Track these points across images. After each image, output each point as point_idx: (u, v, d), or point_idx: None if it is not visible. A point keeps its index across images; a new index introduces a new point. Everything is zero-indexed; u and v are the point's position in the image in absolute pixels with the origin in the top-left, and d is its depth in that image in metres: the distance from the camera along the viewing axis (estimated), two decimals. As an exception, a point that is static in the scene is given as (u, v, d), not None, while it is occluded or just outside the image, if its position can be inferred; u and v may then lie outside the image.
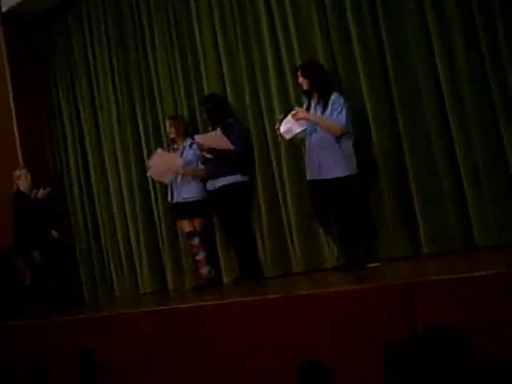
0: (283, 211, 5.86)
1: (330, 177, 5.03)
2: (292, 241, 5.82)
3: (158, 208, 6.85)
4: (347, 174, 5.00)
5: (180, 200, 6.04)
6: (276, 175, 5.89)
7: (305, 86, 5.18)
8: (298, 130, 5.09)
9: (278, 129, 5.15)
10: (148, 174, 6.33)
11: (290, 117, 5.09)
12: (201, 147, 5.79)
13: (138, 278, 7.11)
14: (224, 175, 5.71)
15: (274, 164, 5.89)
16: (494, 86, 4.70)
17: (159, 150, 6.22)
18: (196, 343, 4.21)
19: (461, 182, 4.94)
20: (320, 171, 5.08)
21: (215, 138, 5.65)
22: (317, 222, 5.41)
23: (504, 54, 4.62)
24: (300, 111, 5.10)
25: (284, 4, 5.82)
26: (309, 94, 5.23)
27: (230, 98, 6.15)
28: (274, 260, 5.91)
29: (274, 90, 5.87)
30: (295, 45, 5.73)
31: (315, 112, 5.15)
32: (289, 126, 5.09)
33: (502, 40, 4.62)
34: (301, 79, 5.18)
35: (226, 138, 5.62)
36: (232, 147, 5.64)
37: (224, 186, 5.71)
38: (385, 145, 5.25)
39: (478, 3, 4.73)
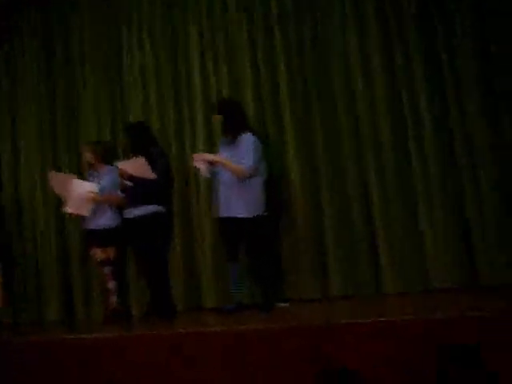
0: (198, 244, 5.86)
1: (235, 216, 5.07)
2: (205, 275, 5.81)
3: (70, 233, 6.68)
4: (254, 214, 5.04)
5: (94, 227, 5.92)
6: (194, 208, 5.90)
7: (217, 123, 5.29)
8: (206, 170, 5.16)
9: (195, 166, 5.19)
10: (65, 210, 5.98)
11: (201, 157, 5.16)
12: (122, 174, 5.70)
13: (43, 305, 6.87)
14: (143, 204, 5.64)
15: (193, 197, 5.90)
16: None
17: (74, 179, 6.04)
18: (101, 374, 4.12)
19: (374, 230, 5.11)
20: (227, 209, 5.13)
21: (138, 166, 5.57)
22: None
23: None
24: (206, 155, 5.15)
25: (215, 37, 5.92)
26: (223, 132, 5.30)
27: (155, 127, 6.14)
28: (186, 294, 5.88)
29: (199, 122, 5.92)
30: (224, 79, 5.82)
31: (227, 150, 5.20)
32: (202, 165, 5.15)
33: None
34: (215, 117, 5.27)
35: (149, 167, 5.56)
36: (154, 177, 5.58)
37: (142, 215, 5.63)
38: (303, 185, 5.39)
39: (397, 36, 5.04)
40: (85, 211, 5.83)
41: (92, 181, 6.01)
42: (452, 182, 4.89)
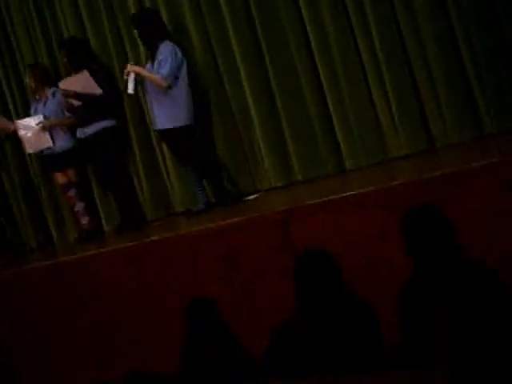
0: (158, 152, 5.80)
1: (160, 127, 5.09)
2: (170, 180, 5.80)
3: (31, 161, 6.50)
4: (178, 124, 5.01)
5: (50, 151, 5.81)
6: (147, 116, 5.81)
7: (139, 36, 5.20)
8: (131, 86, 5.09)
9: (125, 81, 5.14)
10: (28, 152, 5.97)
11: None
12: (66, 94, 5.56)
13: (21, 232, 6.77)
14: (93, 121, 5.54)
15: (144, 105, 5.80)
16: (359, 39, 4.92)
17: (17, 123, 5.86)
18: (85, 293, 4.19)
19: (328, 108, 5.12)
20: (154, 121, 5.17)
21: (81, 82, 5.43)
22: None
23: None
24: (132, 67, 5.07)
25: None
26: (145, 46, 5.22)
27: (92, 42, 5.91)
28: (154, 202, 5.88)
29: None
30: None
31: (151, 62, 5.11)
32: (130, 82, 5.10)
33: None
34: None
35: (93, 81, 5.41)
36: (99, 91, 5.46)
37: (94, 132, 5.55)
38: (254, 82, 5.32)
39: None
40: (46, 143, 5.76)
41: (35, 109, 5.87)
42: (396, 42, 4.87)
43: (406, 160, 4.77)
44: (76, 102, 5.54)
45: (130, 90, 5.06)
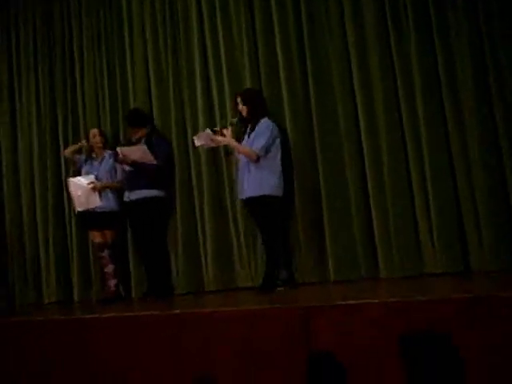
0: (199, 228, 5.90)
1: (251, 195, 5.13)
2: (206, 259, 5.86)
3: (70, 216, 6.70)
4: (270, 192, 5.09)
5: (94, 210, 5.95)
6: (195, 193, 5.95)
7: (244, 113, 5.30)
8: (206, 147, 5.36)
9: (194, 139, 5.31)
10: (77, 209, 6.08)
11: (209, 132, 5.23)
12: (122, 161, 5.76)
13: (42, 286, 6.88)
14: (142, 188, 5.70)
15: (194, 181, 5.95)
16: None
17: (70, 181, 6.09)
18: (96, 355, 4.19)
19: (370, 213, 5.15)
20: (244, 190, 5.20)
21: (139, 153, 5.66)
22: (230, 241, 5.69)
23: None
24: (220, 139, 5.23)
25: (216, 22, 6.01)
26: (246, 121, 5.32)
27: (155, 113, 6.19)
28: (186, 277, 5.92)
29: (200, 106, 5.96)
30: (224, 64, 5.89)
31: (246, 137, 5.25)
32: (204, 141, 5.24)
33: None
34: (240, 106, 5.31)
35: (150, 153, 5.63)
36: (155, 162, 5.66)
37: (141, 198, 5.70)
38: (302, 168, 5.46)
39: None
40: (95, 202, 5.93)
41: (89, 168, 6.09)
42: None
43: (439, 278, 4.70)
44: (129, 168, 5.74)
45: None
